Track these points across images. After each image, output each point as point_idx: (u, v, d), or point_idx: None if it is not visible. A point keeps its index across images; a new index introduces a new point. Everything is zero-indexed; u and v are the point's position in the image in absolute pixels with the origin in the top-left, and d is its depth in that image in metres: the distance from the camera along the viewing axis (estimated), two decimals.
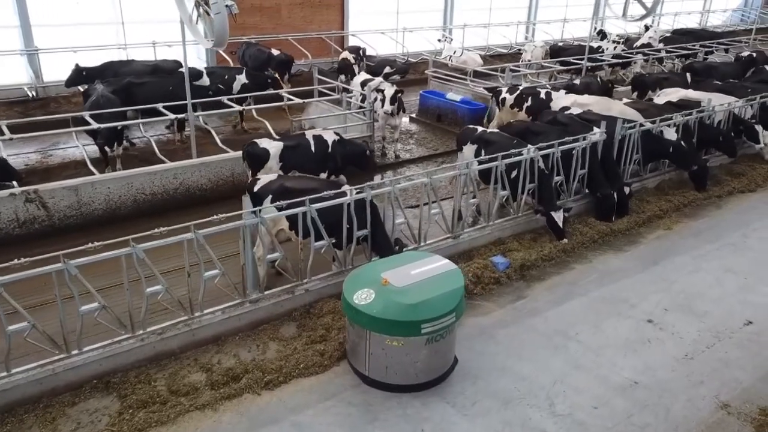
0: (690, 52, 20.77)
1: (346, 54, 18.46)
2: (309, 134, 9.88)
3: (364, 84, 13.61)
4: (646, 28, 28.02)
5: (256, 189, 8.07)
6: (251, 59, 17.14)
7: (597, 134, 10.18)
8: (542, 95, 13.27)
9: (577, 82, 14.96)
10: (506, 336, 7.25)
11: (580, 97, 12.80)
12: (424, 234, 8.50)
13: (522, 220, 9.61)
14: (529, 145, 9.53)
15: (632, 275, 8.70)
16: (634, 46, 21.65)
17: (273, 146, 9.43)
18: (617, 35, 26.23)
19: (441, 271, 6.60)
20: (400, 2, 23.62)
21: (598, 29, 26.97)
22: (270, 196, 7.87)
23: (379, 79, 13.58)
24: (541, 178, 9.41)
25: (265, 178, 8.20)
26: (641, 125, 10.94)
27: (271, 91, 13.56)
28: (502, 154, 9.03)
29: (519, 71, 16.72)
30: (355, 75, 15.79)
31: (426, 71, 17.69)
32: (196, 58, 19.23)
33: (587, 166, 10.12)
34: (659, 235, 9.99)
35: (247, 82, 14.09)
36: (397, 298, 6.08)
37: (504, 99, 13.62)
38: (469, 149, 10.36)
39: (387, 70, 17.82)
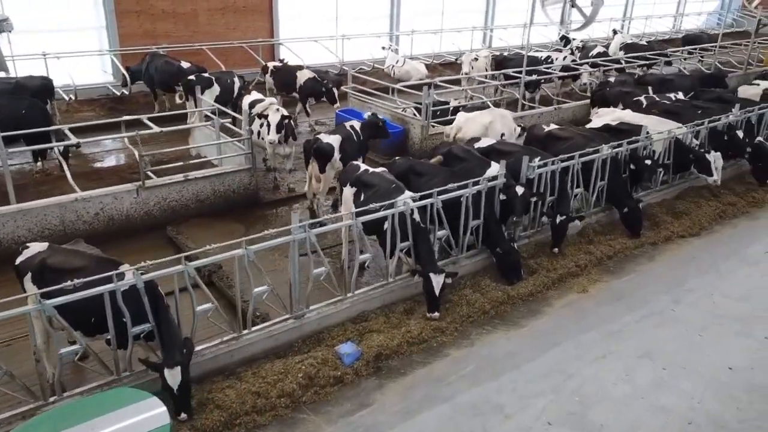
0: (649, 62, 19.01)
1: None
2: (347, 125, 10.72)
3: (252, 106, 11.69)
4: (615, 32, 26.29)
5: (18, 261, 6.16)
6: (158, 72, 15.14)
7: (495, 174, 8.33)
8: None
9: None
10: None
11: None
12: (251, 314, 6.58)
13: (396, 286, 7.71)
14: (406, 193, 7.65)
15: (520, 365, 6.81)
16: (590, 55, 19.82)
17: (334, 139, 9.99)
18: (581, 41, 24.50)
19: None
20: (340, 7, 21.68)
21: (561, 35, 25.27)
22: (29, 274, 5.96)
23: (270, 100, 11.66)
24: (416, 234, 7.52)
25: (32, 247, 6.26)
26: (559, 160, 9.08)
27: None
28: (357, 210, 7.14)
29: (448, 87, 14.82)
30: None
31: (346, 86, 15.74)
32: (102, 71, 17.25)
33: (482, 216, 8.25)
34: (570, 300, 8.12)
35: None
36: None
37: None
38: (348, 192, 8.47)
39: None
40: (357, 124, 10.86)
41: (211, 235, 8.56)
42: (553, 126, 10.73)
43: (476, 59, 17.43)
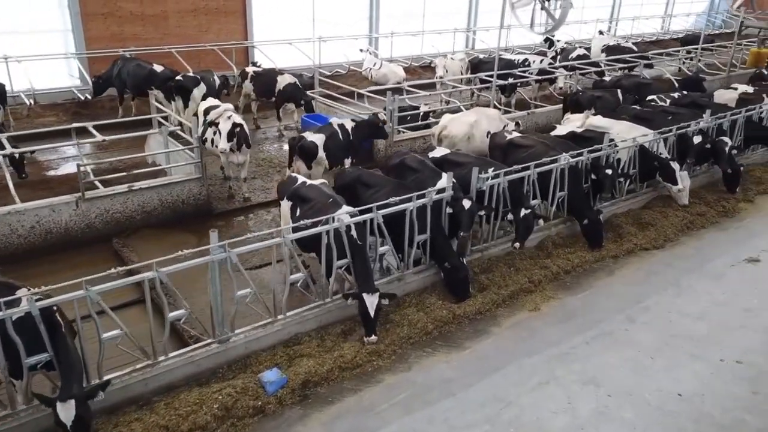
0: (629, 65, 18.63)
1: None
2: (335, 123, 10.74)
3: (207, 113, 11.29)
4: (600, 33, 25.94)
5: None
6: (130, 77, 14.65)
7: (443, 187, 7.95)
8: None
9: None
10: None
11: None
12: (163, 344, 6.20)
13: (334, 306, 7.32)
14: (343, 208, 7.28)
15: (456, 392, 6.42)
16: (569, 57, 19.45)
17: (317, 138, 10.21)
18: (565, 42, 24.13)
19: None
20: (317, 9, 21.27)
21: (545, 36, 24.88)
22: None
23: (225, 106, 11.25)
24: (353, 251, 7.13)
25: None
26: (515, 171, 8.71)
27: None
28: (283, 228, 6.76)
29: (417, 92, 14.43)
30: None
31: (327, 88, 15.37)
32: (68, 75, 16.84)
33: (428, 230, 7.86)
34: (520, 319, 7.74)
35: None
36: None
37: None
38: (285, 206, 8.08)
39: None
40: (349, 124, 10.80)
41: (159, 248, 8.17)
42: (515, 134, 10.35)
43: (452, 61, 17.00)
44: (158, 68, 14.82)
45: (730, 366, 6.95)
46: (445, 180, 8.06)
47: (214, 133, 10.59)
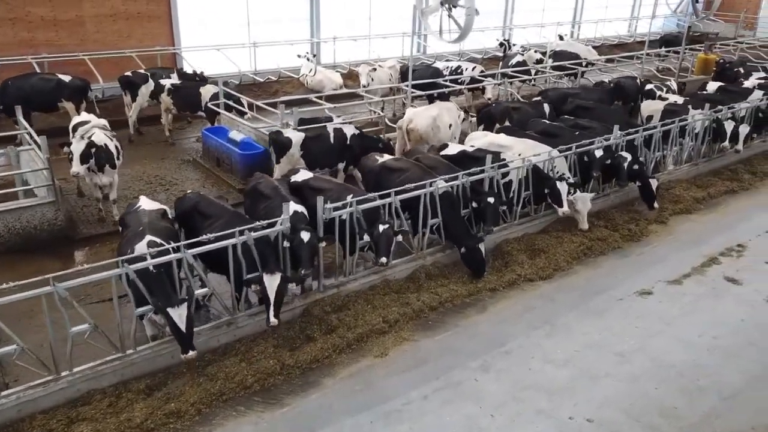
0: (568, 72, 17.84)
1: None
2: (333, 127, 10.85)
3: (75, 130, 10.43)
4: (560, 38, 25.14)
5: None
6: (34, 93, 13.60)
7: (276, 220, 7.12)
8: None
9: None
10: None
11: None
12: None
13: (139, 357, 6.47)
14: (145, 239, 6.46)
15: None
16: (510, 64, 18.65)
17: (294, 135, 10.48)
18: (521, 47, 23.35)
19: None
20: (252, 11, 20.41)
21: (500, 41, 24.10)
22: None
23: (94, 123, 10.38)
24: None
25: None
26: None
27: None
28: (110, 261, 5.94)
29: (322, 104, 13.57)
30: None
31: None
32: None
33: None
34: (360, 368, 6.90)
35: None
36: None
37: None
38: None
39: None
40: (349, 129, 10.93)
41: (10, 278, 7.33)
42: (387, 156, 9.54)
43: (374, 70, 16.17)
44: (65, 78, 13.95)
45: (577, 426, 6.16)
46: (286, 210, 7.22)
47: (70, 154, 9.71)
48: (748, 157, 13.77)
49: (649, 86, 15.49)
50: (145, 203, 7.72)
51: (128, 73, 14.41)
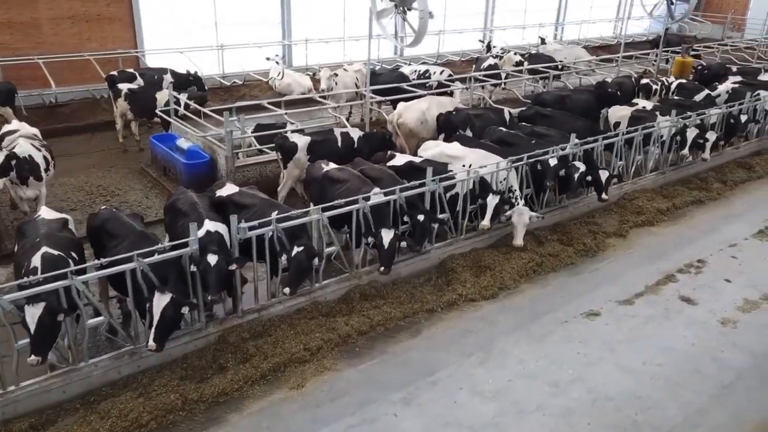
0: (541, 75, 17.35)
1: None
2: (339, 131, 10.78)
3: (1, 139, 9.91)
4: (542, 41, 24.63)
5: None
6: None
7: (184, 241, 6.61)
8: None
9: None
10: None
11: None
12: None
13: (24, 394, 5.95)
14: (40, 251, 5.94)
15: None
16: (481, 67, 18.14)
17: (300, 140, 10.27)
18: (501, 49, 22.86)
19: None
20: (220, 13, 19.88)
21: (485, 42, 23.61)
22: None
23: (21, 133, 9.86)
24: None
25: None
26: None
27: None
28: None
29: (274, 110, 13.00)
30: None
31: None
32: None
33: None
34: (272, 402, 6.38)
35: None
36: None
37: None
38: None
39: None
40: (355, 133, 10.82)
41: None
42: (331, 165, 9.02)
43: (336, 74, 15.63)
44: None
45: None
46: (194, 232, 6.68)
47: None
48: (720, 165, 13.32)
49: (644, 80, 15.26)
50: (45, 212, 7.24)
51: (113, 73, 13.95)
